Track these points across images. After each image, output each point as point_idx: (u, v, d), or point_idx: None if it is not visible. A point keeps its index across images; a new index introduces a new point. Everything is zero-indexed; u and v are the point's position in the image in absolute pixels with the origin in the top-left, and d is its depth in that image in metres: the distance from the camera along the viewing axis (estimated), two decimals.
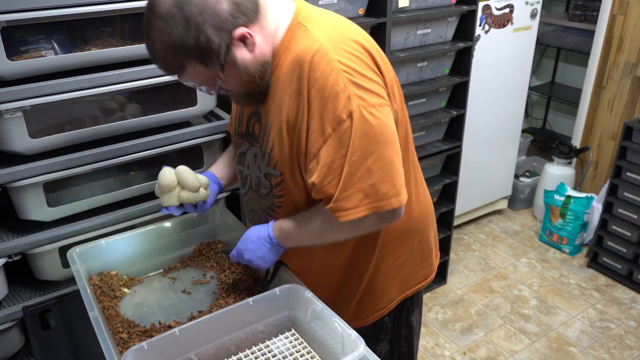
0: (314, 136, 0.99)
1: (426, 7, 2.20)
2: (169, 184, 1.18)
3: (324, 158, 0.99)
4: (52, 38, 1.36)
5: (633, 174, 2.62)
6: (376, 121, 0.97)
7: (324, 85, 0.96)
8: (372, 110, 0.97)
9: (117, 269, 1.31)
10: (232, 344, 1.03)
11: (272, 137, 1.07)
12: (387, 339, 1.34)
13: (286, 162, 1.07)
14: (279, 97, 1.04)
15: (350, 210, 0.99)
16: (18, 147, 1.32)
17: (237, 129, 1.21)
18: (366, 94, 0.97)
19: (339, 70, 0.96)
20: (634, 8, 2.88)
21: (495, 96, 2.89)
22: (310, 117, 0.98)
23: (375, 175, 0.98)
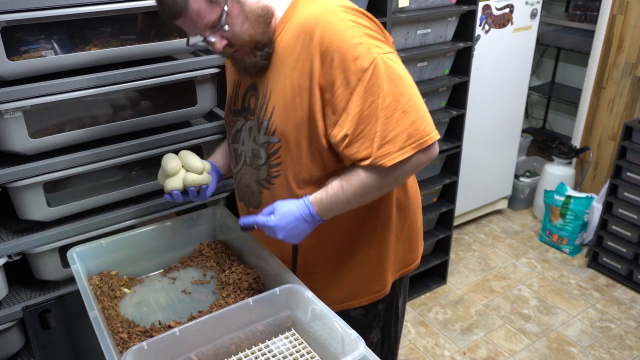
0: (339, 91, 1.02)
1: (426, 7, 2.20)
2: (174, 166, 1.19)
3: (353, 109, 1.02)
4: (52, 38, 1.36)
5: (633, 174, 2.62)
6: (397, 65, 1.03)
7: (342, 40, 1.00)
8: (391, 56, 1.03)
9: (117, 269, 1.31)
10: (232, 344, 1.03)
11: (273, 103, 1.09)
12: (379, 327, 1.37)
13: (289, 128, 1.08)
14: (280, 65, 1.07)
15: (397, 152, 1.02)
16: (18, 147, 1.32)
17: (232, 108, 1.24)
18: (381, 44, 1.03)
19: (352, 26, 1.01)
20: (634, 8, 2.88)
21: (495, 96, 2.89)
22: (332, 74, 1.01)
23: (411, 114, 1.02)
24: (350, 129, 1.03)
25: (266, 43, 1.08)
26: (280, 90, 1.08)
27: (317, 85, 1.03)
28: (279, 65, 1.08)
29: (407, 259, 1.35)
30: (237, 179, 1.30)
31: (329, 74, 1.02)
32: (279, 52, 1.08)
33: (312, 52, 1.02)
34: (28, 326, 1.34)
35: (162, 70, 1.48)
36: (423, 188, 2.48)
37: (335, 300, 1.27)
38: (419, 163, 1.06)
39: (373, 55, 1.00)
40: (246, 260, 1.34)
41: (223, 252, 1.38)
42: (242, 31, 1.05)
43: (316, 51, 1.02)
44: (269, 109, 1.11)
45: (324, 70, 1.02)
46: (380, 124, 1.01)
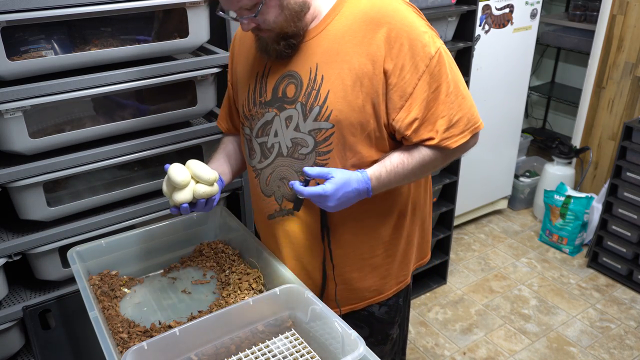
0: (407, 76, 1.07)
1: (426, 7, 2.20)
2: (184, 178, 1.11)
3: (420, 94, 1.07)
4: (52, 38, 1.36)
5: (633, 174, 2.62)
6: (451, 56, 1.12)
7: (411, 28, 1.06)
8: (446, 48, 1.11)
9: (117, 269, 1.31)
10: (232, 344, 1.03)
11: (327, 88, 1.09)
12: (398, 322, 1.40)
13: (345, 113, 1.09)
14: (335, 51, 1.09)
15: (460, 135, 1.11)
16: (18, 147, 1.32)
17: (257, 100, 1.20)
18: (437, 35, 1.12)
19: (416, 15, 1.10)
20: (634, 8, 2.88)
21: (495, 96, 2.89)
22: (401, 58, 1.06)
23: (468, 100, 1.11)
24: (419, 112, 1.08)
25: (293, 35, 1.10)
26: (336, 75, 1.08)
27: (382, 69, 1.07)
28: (333, 51, 1.09)
29: (424, 249, 1.42)
30: (265, 173, 1.23)
31: (398, 59, 1.06)
32: (333, 38, 1.09)
33: (378, 38, 1.06)
34: (28, 326, 1.34)
35: (162, 70, 1.48)
36: None
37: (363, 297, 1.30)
38: (469, 146, 1.16)
39: (437, 44, 1.08)
40: (246, 260, 1.34)
41: (223, 252, 1.38)
42: (274, 22, 1.06)
43: (384, 37, 1.06)
44: (321, 94, 1.10)
45: (392, 54, 1.06)
46: (445, 109, 1.08)
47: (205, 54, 1.63)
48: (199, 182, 1.14)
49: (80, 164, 1.42)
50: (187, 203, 1.13)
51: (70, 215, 1.47)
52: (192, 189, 1.13)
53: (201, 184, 1.13)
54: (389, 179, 1.11)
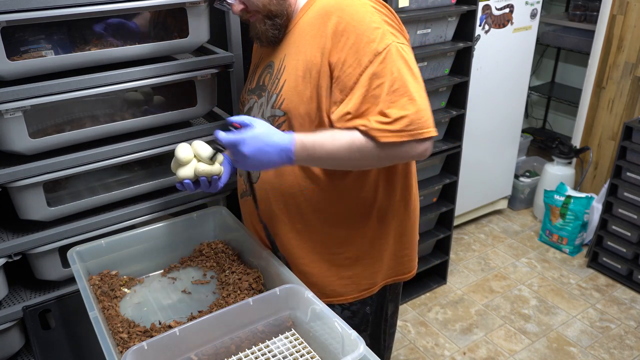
0: (349, 70, 1.05)
1: (426, 7, 2.20)
2: (186, 155, 1.19)
3: (359, 89, 1.04)
4: (52, 38, 1.36)
5: (633, 174, 2.62)
6: (409, 57, 1.07)
7: (360, 22, 1.04)
8: (405, 48, 1.07)
9: (117, 269, 1.31)
10: (232, 344, 1.03)
11: (284, 78, 1.13)
12: (367, 332, 1.37)
13: (295, 102, 1.11)
14: (297, 43, 1.12)
15: (395, 133, 1.04)
16: (18, 147, 1.32)
17: (247, 88, 1.30)
18: (397, 34, 1.08)
19: (372, 11, 1.06)
20: (634, 8, 2.88)
21: (495, 96, 2.89)
22: (345, 52, 1.05)
23: (418, 103, 1.05)
24: (353, 107, 1.05)
25: (278, 14, 1.12)
26: (293, 65, 1.12)
27: (327, 62, 1.07)
28: (297, 43, 1.12)
29: (405, 264, 1.35)
30: None
31: (342, 53, 1.05)
32: (299, 31, 1.12)
33: (328, 30, 1.06)
34: (28, 326, 1.34)
35: (162, 70, 1.48)
36: (423, 188, 2.48)
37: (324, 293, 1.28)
38: (411, 152, 1.07)
39: (388, 41, 1.04)
40: (246, 260, 1.34)
41: (223, 252, 1.38)
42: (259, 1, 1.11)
43: (332, 29, 1.06)
44: (280, 83, 1.14)
45: (338, 48, 1.05)
46: (384, 106, 1.04)
47: (205, 54, 1.63)
48: (200, 161, 1.20)
49: (80, 164, 1.41)
50: (190, 180, 1.20)
51: (70, 215, 1.47)
52: (194, 167, 1.19)
53: (202, 162, 1.20)
54: (315, 149, 1.06)
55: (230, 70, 1.63)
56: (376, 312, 1.35)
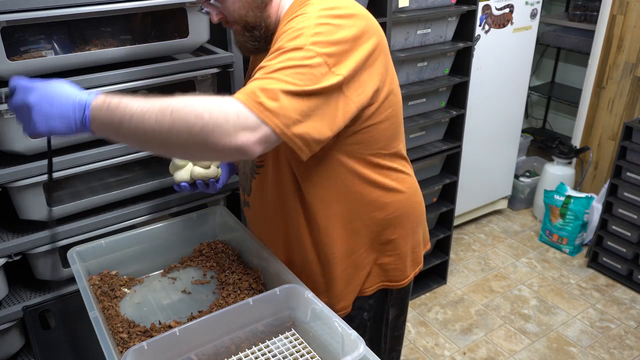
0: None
1: (426, 7, 2.20)
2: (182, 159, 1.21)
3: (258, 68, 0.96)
4: (52, 38, 1.36)
5: (633, 174, 2.62)
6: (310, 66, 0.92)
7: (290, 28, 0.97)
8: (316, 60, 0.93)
9: (117, 269, 1.31)
10: (232, 344, 1.03)
11: None
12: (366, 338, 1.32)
13: None
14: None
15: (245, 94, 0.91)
16: (18, 147, 1.32)
17: None
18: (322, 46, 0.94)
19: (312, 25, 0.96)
20: (634, 8, 2.88)
21: (495, 96, 2.89)
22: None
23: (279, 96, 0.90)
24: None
25: (255, 26, 1.09)
26: None
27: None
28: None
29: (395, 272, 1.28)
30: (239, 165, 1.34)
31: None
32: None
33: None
34: (28, 326, 1.34)
35: (162, 70, 1.48)
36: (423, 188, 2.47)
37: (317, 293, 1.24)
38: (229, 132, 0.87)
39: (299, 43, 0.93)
40: (246, 260, 1.34)
41: (223, 252, 1.38)
42: (232, 9, 1.07)
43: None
44: None
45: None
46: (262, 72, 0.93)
47: (205, 54, 1.63)
48: (196, 165, 1.22)
49: (80, 164, 1.41)
50: (187, 183, 1.23)
51: (70, 215, 1.47)
52: (190, 170, 1.22)
53: (198, 166, 1.21)
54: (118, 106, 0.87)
55: (230, 70, 1.63)
56: (375, 317, 1.33)
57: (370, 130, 1.10)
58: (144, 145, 0.94)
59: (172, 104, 0.87)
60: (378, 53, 1.04)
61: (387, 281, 1.29)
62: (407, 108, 2.33)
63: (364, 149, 1.12)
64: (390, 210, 1.20)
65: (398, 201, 1.21)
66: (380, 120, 1.10)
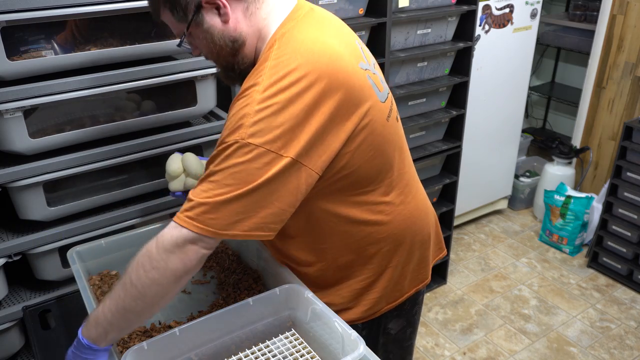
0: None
1: (426, 7, 2.20)
2: (175, 169, 1.21)
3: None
4: (52, 38, 1.36)
5: (633, 174, 2.62)
6: (248, 161, 0.90)
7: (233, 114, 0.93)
8: (255, 152, 0.89)
9: (117, 269, 1.31)
10: (232, 344, 1.03)
11: None
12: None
13: None
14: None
15: (181, 213, 0.93)
16: (18, 147, 1.32)
17: None
18: (262, 135, 0.89)
19: (252, 112, 0.90)
20: (634, 8, 2.88)
21: (495, 96, 2.89)
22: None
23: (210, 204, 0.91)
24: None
25: (228, 68, 1.06)
26: None
27: None
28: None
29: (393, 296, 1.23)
30: None
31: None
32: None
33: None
34: (28, 326, 1.34)
35: (162, 70, 1.48)
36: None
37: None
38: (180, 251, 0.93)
39: (237, 137, 0.90)
40: (246, 260, 1.34)
41: (223, 252, 1.38)
42: (206, 52, 1.06)
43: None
44: None
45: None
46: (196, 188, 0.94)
47: None
48: (189, 176, 1.22)
49: (80, 164, 1.42)
50: (181, 192, 1.23)
51: (70, 215, 1.47)
52: (184, 181, 1.22)
53: (190, 177, 1.21)
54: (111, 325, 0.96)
55: None
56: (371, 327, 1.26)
57: (347, 177, 1.03)
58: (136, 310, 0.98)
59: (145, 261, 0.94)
60: (346, 108, 0.95)
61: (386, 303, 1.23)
62: (407, 108, 2.33)
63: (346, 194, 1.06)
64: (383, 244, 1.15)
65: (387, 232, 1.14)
66: (358, 166, 1.02)
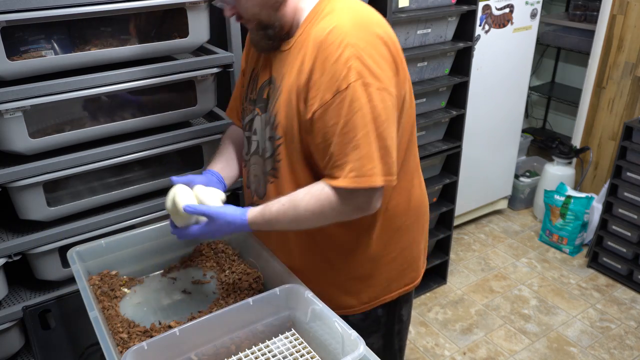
0: (312, 102, 1.03)
1: (426, 7, 2.20)
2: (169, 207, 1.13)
3: (319, 125, 1.04)
4: (52, 38, 1.36)
5: (633, 174, 2.62)
6: (371, 100, 1.01)
7: (329, 56, 1.00)
8: (370, 90, 1.01)
9: (117, 269, 1.31)
10: (232, 344, 1.03)
11: (280, 101, 1.11)
12: (380, 333, 1.35)
13: (287, 127, 1.10)
14: (292, 64, 1.08)
15: (339, 179, 1.03)
16: (18, 147, 1.32)
17: (248, 95, 1.24)
18: (369, 74, 1.01)
19: (347, 44, 1.00)
20: (634, 8, 2.88)
21: (495, 96, 2.89)
22: (312, 83, 1.03)
23: (362, 150, 1.01)
24: (319, 139, 1.06)
25: (269, 25, 1.09)
26: (287, 89, 1.09)
27: (304, 90, 1.05)
28: (292, 65, 1.09)
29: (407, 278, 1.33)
30: (247, 165, 1.29)
31: (312, 83, 1.03)
32: (296, 51, 1.08)
33: (310, 60, 1.04)
34: (28, 326, 1.34)
35: (162, 70, 1.48)
36: None
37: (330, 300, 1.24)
38: (358, 203, 1.07)
39: (350, 79, 0.99)
40: (246, 260, 1.34)
41: (223, 252, 1.38)
42: (246, 7, 1.07)
43: (312, 60, 1.03)
44: (277, 105, 1.12)
45: (312, 80, 1.03)
46: (334, 147, 1.03)
47: (205, 54, 1.63)
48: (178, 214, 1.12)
49: (80, 164, 1.42)
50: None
51: (70, 215, 1.47)
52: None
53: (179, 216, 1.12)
54: (272, 223, 1.10)
55: (230, 70, 1.63)
56: (388, 312, 1.35)
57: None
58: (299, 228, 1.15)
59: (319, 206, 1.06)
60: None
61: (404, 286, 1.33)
62: None
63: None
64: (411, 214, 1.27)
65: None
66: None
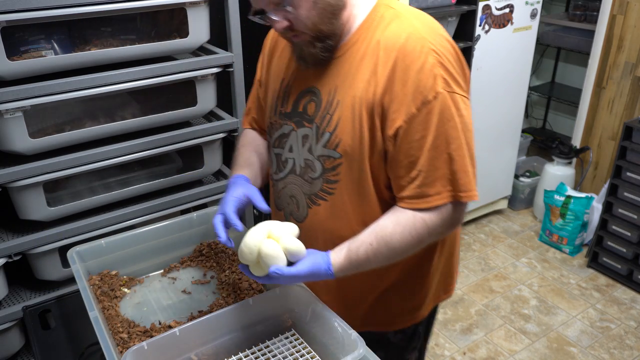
0: (394, 116, 0.96)
1: (426, 7, 2.21)
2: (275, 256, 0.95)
3: (403, 140, 0.97)
4: (52, 38, 1.36)
5: (633, 174, 2.62)
6: (458, 109, 0.98)
7: (411, 64, 0.95)
8: (456, 98, 0.98)
9: (117, 269, 1.31)
10: (232, 344, 1.03)
11: (339, 115, 1.01)
12: (417, 347, 1.32)
13: (352, 145, 1.01)
14: (352, 76, 1.00)
15: (433, 196, 0.97)
16: (18, 147, 1.32)
17: (277, 109, 1.14)
18: (452, 81, 0.97)
19: (429, 51, 0.95)
20: (634, 8, 2.88)
21: (495, 96, 2.89)
22: (393, 96, 0.96)
23: (457, 162, 0.97)
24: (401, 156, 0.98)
25: (329, 35, 0.99)
26: (349, 102, 1.00)
27: (380, 103, 0.97)
28: (351, 76, 1.00)
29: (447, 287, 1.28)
30: (278, 186, 1.18)
31: (391, 95, 0.96)
32: (352, 60, 1.00)
33: (385, 71, 0.97)
34: (28, 326, 1.34)
35: (162, 70, 1.48)
36: None
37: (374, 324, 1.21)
38: (456, 218, 1.01)
39: (438, 89, 0.95)
40: None
41: (223, 252, 1.38)
42: (307, 16, 0.95)
43: (389, 71, 0.96)
44: (333, 120, 1.02)
45: (392, 90, 0.96)
46: (424, 163, 0.97)
47: (205, 54, 1.64)
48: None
49: (80, 164, 1.42)
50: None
51: (70, 215, 1.47)
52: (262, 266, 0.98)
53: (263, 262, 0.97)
54: (368, 257, 1.00)
55: (230, 70, 1.63)
56: (426, 328, 1.31)
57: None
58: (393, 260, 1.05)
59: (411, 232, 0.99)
60: None
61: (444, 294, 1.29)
62: None
63: None
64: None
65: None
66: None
